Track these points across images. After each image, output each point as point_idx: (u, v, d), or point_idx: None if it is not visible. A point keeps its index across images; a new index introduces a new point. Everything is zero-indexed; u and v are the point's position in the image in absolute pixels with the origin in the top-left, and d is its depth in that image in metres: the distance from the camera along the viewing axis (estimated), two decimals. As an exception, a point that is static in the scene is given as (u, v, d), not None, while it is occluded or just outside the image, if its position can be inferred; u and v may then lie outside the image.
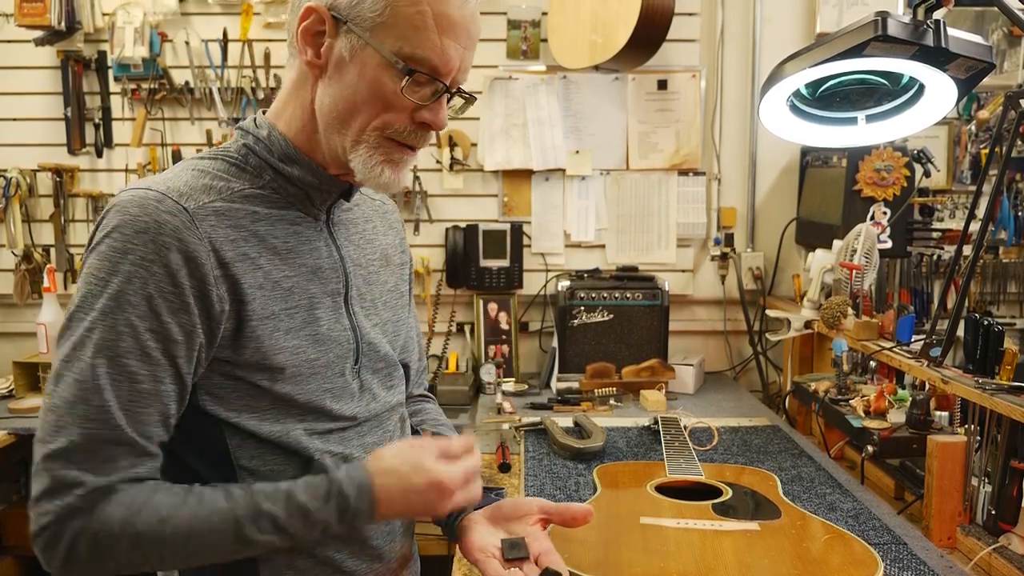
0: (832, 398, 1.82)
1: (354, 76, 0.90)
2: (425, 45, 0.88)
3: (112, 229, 0.85)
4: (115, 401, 0.82)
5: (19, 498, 2.44)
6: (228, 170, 0.95)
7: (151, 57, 2.52)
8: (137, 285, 0.83)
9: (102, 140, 2.61)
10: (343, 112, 0.92)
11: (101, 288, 0.83)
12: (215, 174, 0.93)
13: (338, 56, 0.91)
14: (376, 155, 0.92)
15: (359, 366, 1.02)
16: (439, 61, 0.89)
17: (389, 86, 0.89)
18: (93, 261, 0.85)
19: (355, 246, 1.06)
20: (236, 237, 0.90)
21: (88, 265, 0.85)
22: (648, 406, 2.15)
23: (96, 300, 0.83)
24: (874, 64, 1.24)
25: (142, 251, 0.84)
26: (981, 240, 1.61)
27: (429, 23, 0.87)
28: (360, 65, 0.89)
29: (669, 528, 1.12)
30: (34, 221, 2.64)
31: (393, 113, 0.91)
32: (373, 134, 0.92)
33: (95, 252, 0.85)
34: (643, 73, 2.61)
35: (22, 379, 2.38)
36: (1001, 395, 1.34)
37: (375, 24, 0.87)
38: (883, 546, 1.27)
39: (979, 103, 2.56)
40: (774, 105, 1.39)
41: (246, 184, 0.95)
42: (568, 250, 2.69)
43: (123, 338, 0.83)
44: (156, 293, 0.84)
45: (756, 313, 2.64)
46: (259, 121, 0.99)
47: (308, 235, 0.98)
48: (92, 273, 0.84)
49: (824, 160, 2.44)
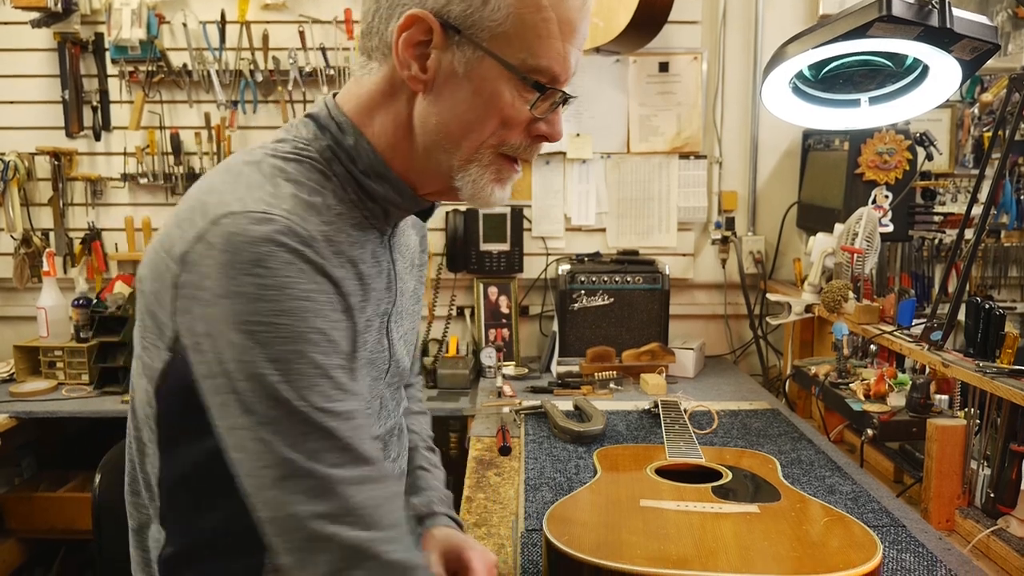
0: (832, 382, 1.82)
1: (468, 92, 0.80)
2: (549, 54, 0.79)
3: (253, 263, 0.71)
4: (366, 439, 0.75)
5: (21, 481, 2.45)
6: (319, 181, 0.82)
7: (149, 39, 2.50)
8: (310, 321, 0.73)
9: (100, 123, 2.60)
10: (455, 132, 0.82)
11: (273, 332, 0.71)
12: (310, 187, 0.81)
13: (448, 70, 0.80)
14: (487, 174, 0.84)
15: (382, 383, 0.95)
16: (560, 69, 0.81)
17: (510, 102, 0.81)
18: (241, 306, 0.70)
19: (401, 256, 0.97)
20: (342, 263, 0.81)
21: (233, 312, 0.70)
22: (648, 390, 2.15)
23: (271, 348, 0.71)
24: (878, 45, 1.23)
25: (301, 284, 0.73)
26: (983, 224, 1.61)
27: (554, 30, 0.79)
28: (478, 81, 0.80)
29: (669, 511, 1.12)
30: (33, 205, 2.63)
31: (510, 129, 0.83)
32: (487, 152, 0.83)
33: (237, 297, 0.70)
34: (644, 55, 2.59)
35: (23, 363, 2.38)
36: (1002, 379, 1.34)
37: (495, 34, 0.78)
38: (882, 528, 1.28)
39: (983, 86, 2.55)
40: (776, 87, 1.38)
41: (333, 199, 0.82)
42: (568, 234, 2.68)
43: (321, 376, 0.73)
44: (330, 326, 0.75)
45: (757, 297, 2.64)
46: (342, 122, 0.85)
47: (380, 256, 0.90)
48: (250, 320, 0.70)
49: (826, 143, 2.42)
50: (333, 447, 0.73)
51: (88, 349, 2.34)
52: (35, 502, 2.30)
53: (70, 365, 2.35)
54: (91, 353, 2.33)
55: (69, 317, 2.42)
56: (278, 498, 0.71)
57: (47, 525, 2.28)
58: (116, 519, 1.47)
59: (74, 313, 2.40)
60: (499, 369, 2.39)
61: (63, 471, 2.47)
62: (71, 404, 2.19)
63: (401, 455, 1.07)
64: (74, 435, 2.61)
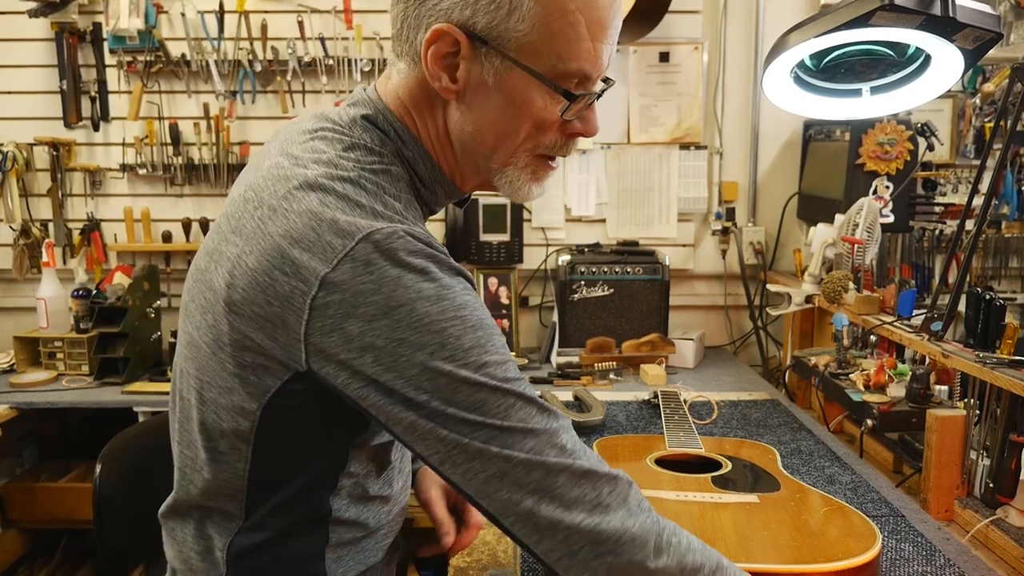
0: (832, 372, 1.82)
1: (500, 101, 0.82)
2: (580, 56, 0.80)
3: (422, 271, 0.75)
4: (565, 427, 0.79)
5: (22, 472, 2.45)
6: (405, 190, 0.85)
7: (147, 29, 2.49)
8: (481, 311, 0.78)
9: (98, 113, 2.59)
10: (490, 139, 0.84)
11: (462, 324, 0.75)
12: (406, 198, 0.84)
13: (478, 80, 0.81)
14: (524, 175, 0.87)
15: None
16: (592, 68, 0.82)
17: (542, 106, 0.82)
18: (429, 307, 0.74)
19: None
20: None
21: (421, 314, 0.73)
22: (648, 380, 2.15)
23: (464, 338, 0.75)
24: (880, 34, 1.23)
25: (459, 283, 0.78)
26: (984, 215, 1.60)
27: (582, 32, 0.79)
28: (508, 90, 0.81)
29: (669, 500, 1.13)
30: (31, 195, 2.62)
31: (544, 132, 0.85)
32: (523, 155, 0.86)
33: (422, 300, 0.73)
34: (645, 45, 2.58)
35: (23, 354, 2.38)
36: (1001, 369, 1.34)
37: (521, 44, 0.78)
38: (881, 518, 1.28)
39: (984, 76, 2.54)
40: (777, 77, 1.38)
41: (403, 201, 0.83)
42: (569, 224, 2.68)
43: (505, 354, 0.78)
44: (485, 314, 0.79)
45: (757, 288, 2.64)
46: (399, 130, 0.87)
47: None
48: (440, 318, 0.74)
49: (827, 134, 2.42)
50: (548, 442, 0.76)
51: (88, 340, 2.34)
52: (36, 492, 2.30)
53: (70, 356, 2.35)
54: (91, 344, 2.33)
55: (69, 308, 2.42)
56: (525, 501, 0.75)
57: (48, 515, 2.29)
58: (117, 509, 1.48)
59: (74, 304, 2.40)
60: (499, 360, 2.39)
61: (64, 461, 2.48)
62: (71, 395, 2.19)
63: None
64: (75, 425, 2.62)
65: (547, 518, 0.75)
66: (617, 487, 0.79)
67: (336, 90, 2.57)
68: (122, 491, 1.49)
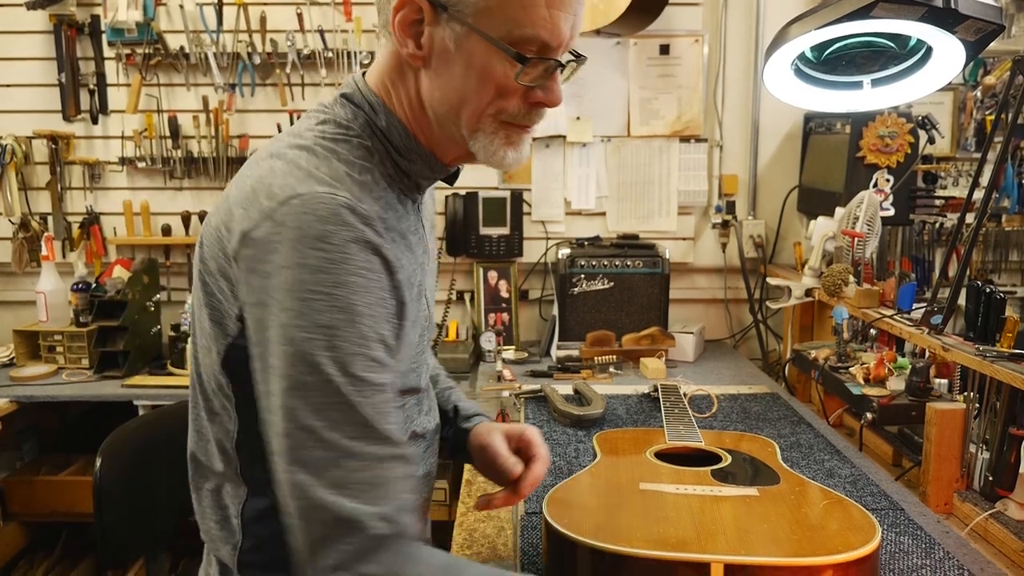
0: (832, 366, 1.82)
1: (461, 66, 0.84)
2: (535, 22, 0.81)
3: (319, 238, 0.77)
4: (393, 424, 0.80)
5: (22, 465, 2.46)
6: (364, 158, 0.88)
7: (145, 21, 2.48)
8: (363, 295, 0.78)
9: (97, 106, 2.58)
10: (455, 104, 0.86)
11: (328, 301, 0.76)
12: (360, 165, 0.86)
13: (441, 46, 0.84)
14: (496, 140, 0.88)
15: (424, 342, 1.03)
16: (550, 36, 0.82)
17: (500, 73, 0.83)
18: (305, 275, 0.76)
19: (426, 219, 1.02)
20: (393, 238, 0.87)
21: (295, 280, 0.76)
22: (648, 374, 2.15)
23: (323, 315, 0.76)
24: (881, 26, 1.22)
25: (358, 260, 0.78)
26: (984, 208, 1.60)
27: None
28: (467, 54, 0.83)
29: (668, 494, 1.13)
30: (30, 189, 2.62)
31: (507, 98, 0.86)
32: (488, 120, 0.87)
33: (301, 267, 0.76)
34: (645, 38, 2.57)
35: (22, 347, 2.38)
36: (1001, 362, 1.34)
37: (479, 9, 0.81)
38: (881, 511, 1.28)
39: (985, 68, 2.53)
40: (778, 69, 1.37)
41: (379, 175, 0.88)
42: (568, 218, 2.68)
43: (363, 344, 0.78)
44: (376, 301, 0.80)
45: (757, 281, 2.64)
46: (372, 102, 0.91)
47: (415, 225, 0.95)
48: (310, 288, 0.76)
49: (827, 127, 2.41)
50: (355, 421, 0.77)
51: (88, 333, 2.34)
52: (36, 486, 2.31)
53: (70, 349, 2.35)
54: (90, 337, 2.33)
55: (68, 301, 2.42)
56: (293, 461, 0.76)
57: (49, 509, 2.29)
58: (117, 503, 1.48)
59: (73, 297, 2.39)
60: (499, 353, 2.39)
61: (64, 455, 2.48)
62: (71, 388, 2.20)
63: (432, 409, 1.11)
64: (75, 419, 2.62)
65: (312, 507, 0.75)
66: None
67: (335, 83, 2.56)
68: (122, 484, 1.49)
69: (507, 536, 1.23)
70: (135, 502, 1.53)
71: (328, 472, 0.75)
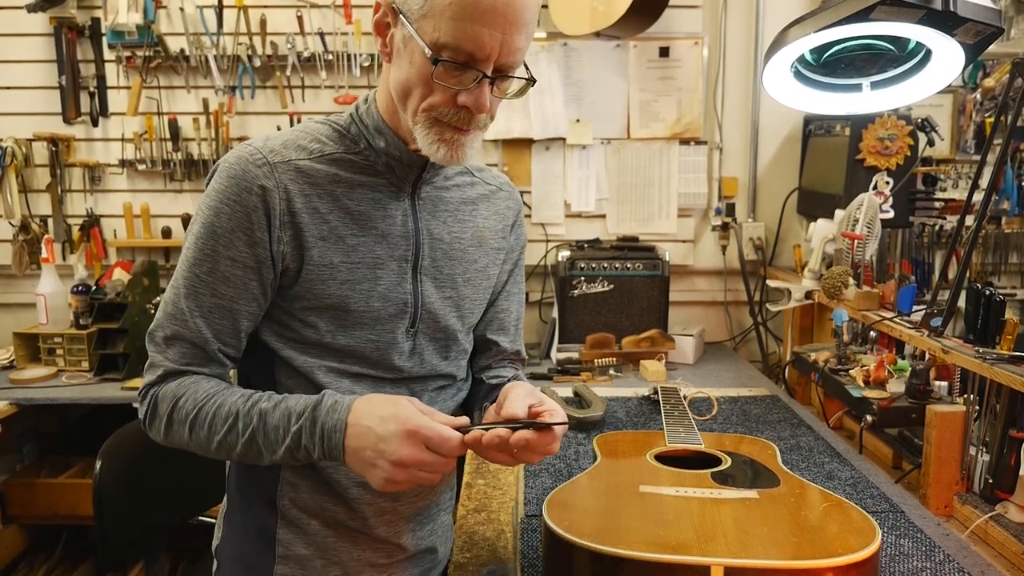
0: (832, 368, 1.82)
1: (406, 63, 0.97)
2: (458, 34, 0.91)
3: (215, 173, 1.02)
4: (196, 309, 1.01)
5: (22, 468, 2.46)
6: (329, 134, 1.07)
7: (145, 24, 2.49)
8: (223, 219, 0.99)
9: (97, 109, 2.58)
10: (400, 95, 1.00)
11: (200, 218, 1.01)
12: (315, 136, 1.06)
13: (397, 45, 0.99)
14: (431, 134, 0.99)
15: (415, 330, 1.11)
16: (473, 48, 0.92)
17: (427, 72, 0.95)
18: (203, 197, 1.02)
19: (440, 222, 1.12)
20: (311, 193, 1.03)
21: (201, 199, 1.03)
22: (648, 376, 2.15)
23: (196, 227, 1.01)
24: (880, 29, 1.22)
25: (229, 192, 0.99)
26: (984, 211, 1.60)
27: (459, 12, 0.91)
28: (410, 53, 0.96)
29: (668, 496, 1.12)
30: (31, 191, 2.62)
31: (437, 96, 0.97)
32: (423, 115, 0.98)
33: (206, 191, 1.02)
34: (645, 40, 2.57)
35: (22, 350, 2.38)
36: (1001, 365, 1.34)
37: (420, 15, 0.93)
38: (881, 514, 1.28)
39: (985, 71, 2.53)
40: (778, 72, 1.37)
41: (340, 148, 1.06)
42: (568, 220, 2.68)
43: (207, 259, 1.00)
44: (236, 226, 0.99)
45: (756, 283, 2.64)
46: (368, 96, 1.09)
47: (386, 203, 1.07)
48: (199, 206, 1.02)
49: (827, 129, 2.41)
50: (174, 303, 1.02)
51: (87, 336, 2.34)
52: (37, 488, 2.31)
53: (70, 352, 2.35)
54: (90, 340, 2.33)
55: (68, 304, 2.42)
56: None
57: (49, 511, 2.29)
58: (117, 505, 1.48)
59: (73, 300, 2.39)
60: (499, 356, 2.39)
61: (64, 457, 2.48)
62: (71, 391, 2.19)
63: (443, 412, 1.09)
64: (75, 422, 2.62)
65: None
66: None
67: (335, 85, 2.57)
68: (122, 487, 1.49)
69: (507, 539, 1.23)
70: (135, 505, 1.53)
71: (154, 329, 1.04)
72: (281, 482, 1.09)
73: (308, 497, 1.09)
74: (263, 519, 1.10)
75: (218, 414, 0.98)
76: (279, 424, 0.96)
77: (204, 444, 1.00)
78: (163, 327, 1.02)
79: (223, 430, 0.98)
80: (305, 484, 1.08)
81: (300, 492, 1.09)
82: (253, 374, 1.10)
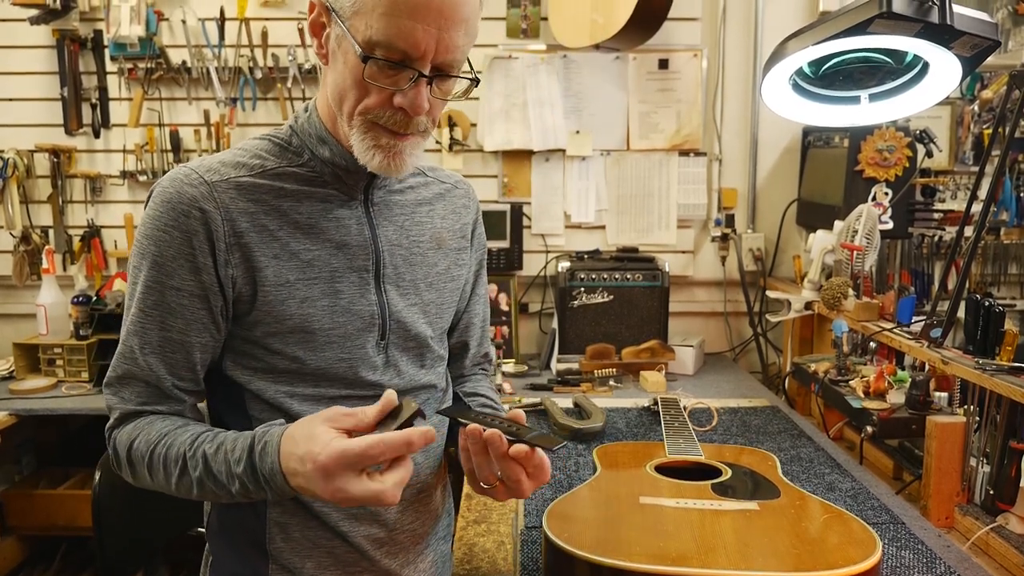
0: (832, 379, 1.82)
1: (340, 64, 0.93)
2: (390, 31, 0.87)
3: (150, 199, 0.96)
4: (146, 345, 0.96)
5: (21, 479, 2.45)
6: (270, 149, 1.01)
7: (147, 36, 2.50)
8: (163, 247, 0.93)
9: (99, 120, 2.59)
10: (336, 98, 0.95)
11: (139, 249, 0.96)
12: (255, 152, 1.00)
13: (332, 46, 0.94)
14: (367, 139, 0.94)
15: (386, 342, 1.04)
16: (407, 45, 0.87)
17: (360, 72, 0.90)
18: (139, 227, 0.97)
19: (397, 227, 1.07)
20: (256, 210, 0.96)
21: (137, 229, 0.98)
22: (648, 387, 2.15)
23: (135, 258, 0.96)
24: (878, 42, 1.23)
25: (166, 218, 0.93)
26: (983, 221, 1.61)
27: (391, 8, 0.86)
28: (344, 53, 0.92)
29: (668, 508, 1.12)
30: (32, 202, 2.63)
31: (372, 98, 0.92)
32: (359, 119, 0.93)
33: (142, 219, 0.97)
34: (644, 52, 2.58)
35: (22, 360, 2.38)
36: (1001, 376, 1.34)
37: (352, 13, 0.89)
38: (881, 525, 1.28)
39: (983, 83, 2.54)
40: (776, 84, 1.38)
41: (283, 162, 1.00)
42: (568, 231, 2.68)
43: (151, 292, 0.95)
44: (177, 254, 0.93)
45: (756, 294, 2.64)
46: (308, 104, 1.04)
47: (338, 213, 1.01)
48: (136, 236, 0.97)
49: (826, 140, 2.42)
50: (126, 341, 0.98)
51: (87, 346, 2.34)
52: (35, 499, 2.30)
53: (69, 362, 2.35)
54: (90, 350, 2.33)
55: (68, 314, 2.42)
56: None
57: (47, 522, 2.28)
58: (116, 515, 1.48)
59: (73, 310, 2.40)
60: (499, 366, 2.39)
61: (63, 468, 2.48)
62: (71, 401, 2.19)
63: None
64: (74, 432, 2.61)
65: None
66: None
67: (336, 97, 2.58)
68: (121, 498, 1.49)
69: (507, 551, 1.23)
70: (134, 515, 1.53)
71: (110, 370, 1.00)
72: (268, 523, 1.01)
73: (300, 536, 1.01)
74: (254, 565, 1.03)
75: (168, 456, 0.92)
76: (222, 469, 0.90)
77: (165, 486, 0.95)
78: (115, 367, 0.98)
79: (176, 473, 0.92)
80: (294, 522, 1.01)
81: (290, 532, 1.01)
82: (225, 413, 1.03)
